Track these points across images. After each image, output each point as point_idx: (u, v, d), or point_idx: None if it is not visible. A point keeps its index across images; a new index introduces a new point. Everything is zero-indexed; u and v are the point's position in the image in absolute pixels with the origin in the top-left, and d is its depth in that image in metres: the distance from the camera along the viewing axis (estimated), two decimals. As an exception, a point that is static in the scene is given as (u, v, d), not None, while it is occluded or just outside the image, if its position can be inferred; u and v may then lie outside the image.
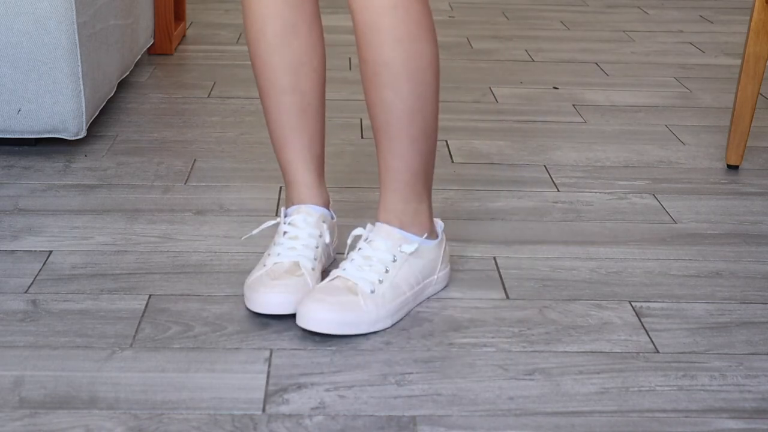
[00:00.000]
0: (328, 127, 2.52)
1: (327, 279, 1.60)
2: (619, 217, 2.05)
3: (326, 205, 1.75)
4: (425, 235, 1.66)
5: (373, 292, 1.58)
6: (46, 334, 1.55)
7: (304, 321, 1.54)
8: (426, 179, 1.65)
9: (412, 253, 1.63)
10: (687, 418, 1.39)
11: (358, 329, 1.56)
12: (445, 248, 1.71)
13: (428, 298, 1.68)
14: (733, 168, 2.34)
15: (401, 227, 1.64)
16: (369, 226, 1.66)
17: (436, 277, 1.69)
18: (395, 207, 1.64)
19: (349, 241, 1.69)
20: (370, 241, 1.63)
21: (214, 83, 2.92)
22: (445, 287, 1.72)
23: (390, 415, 1.37)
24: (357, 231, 1.67)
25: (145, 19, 2.98)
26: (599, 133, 2.57)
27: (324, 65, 1.71)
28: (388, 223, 1.64)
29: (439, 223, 1.72)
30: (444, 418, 1.37)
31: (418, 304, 1.65)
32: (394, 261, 1.61)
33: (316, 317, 1.53)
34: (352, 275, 1.59)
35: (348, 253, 1.67)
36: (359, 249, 1.63)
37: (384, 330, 1.58)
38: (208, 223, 1.97)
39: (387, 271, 1.60)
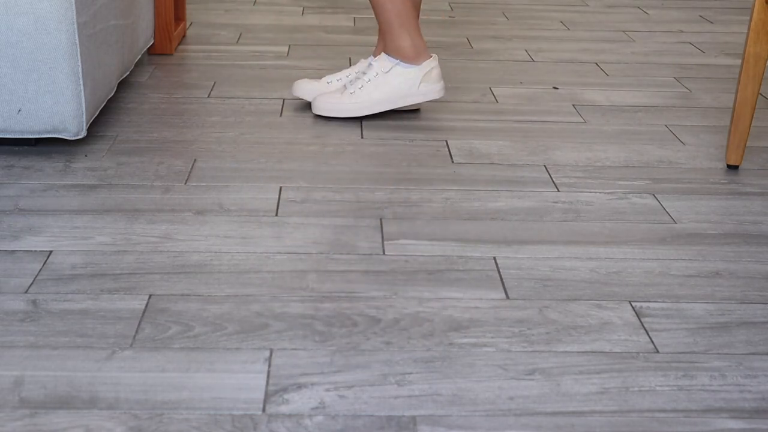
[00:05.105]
0: (329, 128, 2.52)
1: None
2: (619, 217, 2.05)
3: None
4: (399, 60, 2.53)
5: (352, 93, 2.56)
6: (46, 334, 1.55)
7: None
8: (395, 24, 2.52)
9: (388, 72, 2.54)
10: (687, 418, 1.39)
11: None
12: (429, 72, 2.55)
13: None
14: (733, 168, 2.34)
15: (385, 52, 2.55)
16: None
17: (416, 89, 2.55)
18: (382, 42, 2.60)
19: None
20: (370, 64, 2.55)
21: (214, 83, 2.92)
22: (432, 101, 2.65)
23: (390, 415, 1.37)
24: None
25: (145, 19, 2.98)
26: (599, 133, 2.57)
27: None
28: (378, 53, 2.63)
29: (425, 56, 2.54)
30: (444, 418, 1.37)
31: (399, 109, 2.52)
32: (376, 75, 2.55)
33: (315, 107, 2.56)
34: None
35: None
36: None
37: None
38: (208, 223, 1.97)
39: (368, 81, 2.55)
